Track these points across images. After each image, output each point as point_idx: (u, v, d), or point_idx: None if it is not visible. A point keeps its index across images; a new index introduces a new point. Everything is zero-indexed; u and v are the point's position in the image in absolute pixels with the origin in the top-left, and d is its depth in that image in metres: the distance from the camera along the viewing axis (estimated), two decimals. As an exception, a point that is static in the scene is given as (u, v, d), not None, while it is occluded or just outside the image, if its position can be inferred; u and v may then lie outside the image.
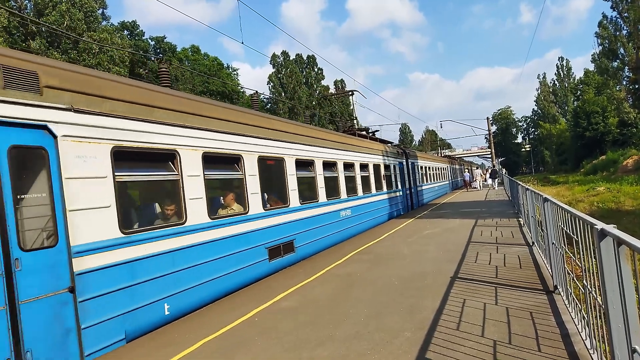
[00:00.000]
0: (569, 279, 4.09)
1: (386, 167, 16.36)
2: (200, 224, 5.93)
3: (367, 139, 16.79)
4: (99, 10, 38.70)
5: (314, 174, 9.96)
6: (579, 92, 73.33)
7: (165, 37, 54.20)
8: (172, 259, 5.37)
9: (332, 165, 11.15)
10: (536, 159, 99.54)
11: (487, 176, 37.37)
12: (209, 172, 6.30)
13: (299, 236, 8.73)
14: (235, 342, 4.39)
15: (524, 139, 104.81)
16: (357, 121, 24.69)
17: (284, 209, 8.37)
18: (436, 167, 30.07)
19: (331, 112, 61.80)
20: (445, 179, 34.90)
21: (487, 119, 49.35)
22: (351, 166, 12.59)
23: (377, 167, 15.15)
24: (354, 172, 12.72)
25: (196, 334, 4.71)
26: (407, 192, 19.80)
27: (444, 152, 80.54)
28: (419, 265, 7.16)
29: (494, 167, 44.84)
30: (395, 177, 17.60)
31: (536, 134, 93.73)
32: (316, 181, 10.00)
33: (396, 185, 17.67)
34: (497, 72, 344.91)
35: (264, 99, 58.80)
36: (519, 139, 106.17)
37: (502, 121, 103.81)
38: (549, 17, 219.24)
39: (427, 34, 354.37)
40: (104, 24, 40.16)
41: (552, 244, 4.86)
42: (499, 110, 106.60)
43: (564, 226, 4.08)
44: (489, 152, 55.89)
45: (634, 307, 2.20)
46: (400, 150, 20.01)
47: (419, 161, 23.64)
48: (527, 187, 8.99)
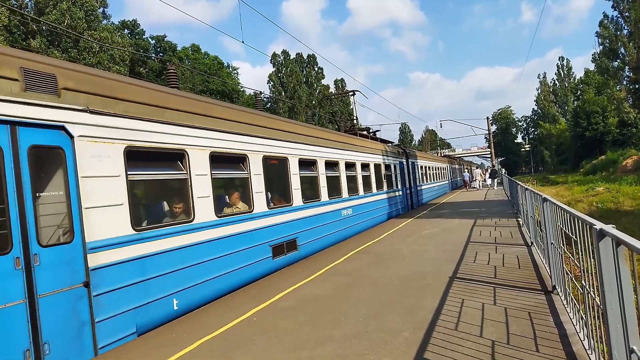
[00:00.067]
0: (568, 279, 4.07)
1: (386, 167, 16.49)
2: (207, 222, 6.07)
3: (368, 138, 16.92)
4: (99, 9, 38.69)
5: (317, 174, 10.10)
6: (579, 91, 73.38)
7: (165, 36, 54.22)
8: (181, 256, 5.52)
9: (334, 164, 11.29)
10: (536, 159, 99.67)
11: (487, 176, 37.39)
12: (216, 171, 6.45)
13: (301, 234, 8.87)
14: (234, 341, 4.39)
15: (523, 138, 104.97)
16: (358, 121, 24.78)
17: (287, 208, 8.51)
18: (436, 167, 30.20)
19: (331, 111, 61.84)
20: (444, 178, 35.00)
21: (487, 118, 49.39)
22: (352, 166, 12.72)
23: (377, 167, 15.28)
24: (355, 172, 12.85)
25: (195, 333, 4.71)
26: (407, 191, 19.92)
27: (443, 151, 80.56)
28: (418, 265, 7.19)
29: (494, 167, 44.89)
30: (395, 176, 17.72)
31: (536, 133, 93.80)
32: (318, 180, 10.13)
33: (396, 184, 17.79)
34: (497, 71, 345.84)
35: (264, 98, 58.83)
36: (519, 139, 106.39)
37: (502, 121, 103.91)
38: (550, 16, 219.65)
39: (428, 33, 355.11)
40: (105, 22, 40.16)
41: (551, 244, 4.86)
42: (499, 109, 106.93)
43: (563, 226, 4.07)
44: (489, 152, 55.98)
45: (632, 307, 2.21)
46: (400, 150, 20.13)
47: (419, 161, 23.77)
48: (526, 187, 9.05)
